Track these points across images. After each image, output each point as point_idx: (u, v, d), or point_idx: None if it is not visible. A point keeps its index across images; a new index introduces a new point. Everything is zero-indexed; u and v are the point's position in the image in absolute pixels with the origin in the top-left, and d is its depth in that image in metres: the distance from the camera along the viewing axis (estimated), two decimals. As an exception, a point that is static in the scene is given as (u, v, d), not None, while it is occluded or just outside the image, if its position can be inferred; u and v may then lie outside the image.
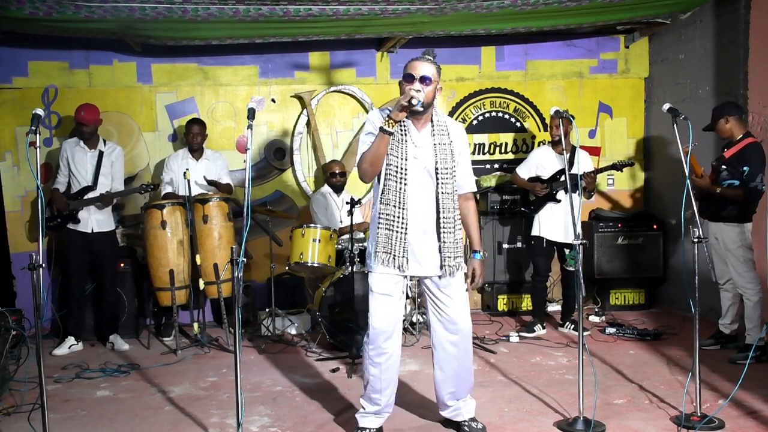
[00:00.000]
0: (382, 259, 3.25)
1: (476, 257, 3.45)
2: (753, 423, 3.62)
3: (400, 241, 3.23)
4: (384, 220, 3.25)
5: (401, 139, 3.24)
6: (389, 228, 3.24)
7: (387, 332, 3.33)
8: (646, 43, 6.76)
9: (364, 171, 3.26)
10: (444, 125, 3.34)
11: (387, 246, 3.24)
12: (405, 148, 3.24)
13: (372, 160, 3.20)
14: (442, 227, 3.28)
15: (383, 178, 3.27)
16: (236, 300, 3.25)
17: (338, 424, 3.74)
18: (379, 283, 3.32)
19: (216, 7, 4.67)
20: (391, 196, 3.24)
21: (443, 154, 3.28)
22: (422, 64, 3.18)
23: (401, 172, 3.22)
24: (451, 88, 6.65)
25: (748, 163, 4.65)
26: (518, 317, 6.29)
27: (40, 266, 3.00)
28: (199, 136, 5.74)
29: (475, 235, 3.49)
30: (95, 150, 5.44)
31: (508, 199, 6.38)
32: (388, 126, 3.12)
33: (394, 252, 3.24)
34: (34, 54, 6.03)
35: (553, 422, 3.67)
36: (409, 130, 3.27)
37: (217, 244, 5.41)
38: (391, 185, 3.23)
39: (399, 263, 3.24)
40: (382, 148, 3.17)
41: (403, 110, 3.08)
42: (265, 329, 5.65)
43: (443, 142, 3.29)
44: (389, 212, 3.24)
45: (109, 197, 5.35)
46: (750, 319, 4.75)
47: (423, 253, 3.30)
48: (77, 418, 3.96)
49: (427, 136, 3.30)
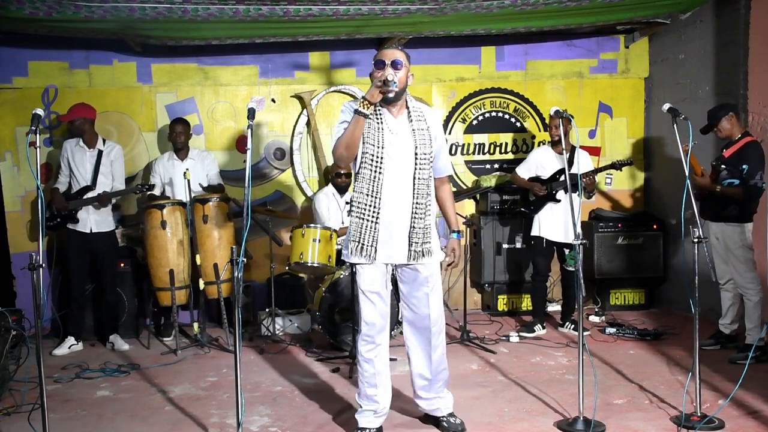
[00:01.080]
0: (351, 248, 3.27)
1: (455, 236, 3.51)
2: (753, 423, 3.62)
3: (370, 230, 3.25)
4: (356, 209, 3.26)
5: (377, 127, 3.23)
6: (360, 217, 3.25)
7: (379, 327, 3.38)
8: (646, 43, 6.76)
9: (339, 155, 3.25)
10: (420, 110, 3.35)
11: (356, 235, 3.26)
12: (381, 135, 3.23)
13: (347, 143, 3.19)
14: (414, 213, 3.29)
15: (358, 166, 3.27)
16: (236, 300, 3.25)
17: (338, 424, 3.74)
18: (366, 281, 3.34)
19: (216, 7, 4.67)
20: (364, 185, 3.24)
21: (422, 139, 3.28)
22: (391, 50, 3.24)
23: (377, 160, 3.22)
24: (451, 88, 6.65)
25: (747, 161, 4.65)
26: (518, 317, 6.29)
27: (40, 266, 3.00)
28: (183, 135, 5.71)
29: (452, 216, 3.56)
30: (94, 149, 5.44)
31: (508, 199, 6.38)
32: (363, 107, 3.11)
33: (364, 241, 3.25)
34: (34, 54, 6.03)
35: (553, 422, 3.67)
36: (385, 118, 3.27)
37: (217, 244, 5.42)
38: (365, 173, 3.24)
39: (368, 252, 3.26)
40: (357, 131, 3.16)
41: (378, 91, 3.09)
42: (265, 329, 5.65)
43: (421, 128, 3.30)
44: (361, 201, 3.25)
45: (105, 197, 5.34)
46: (750, 319, 4.75)
47: (393, 240, 3.29)
48: (77, 418, 3.96)
49: (404, 122, 3.30)
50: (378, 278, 3.34)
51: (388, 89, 3.09)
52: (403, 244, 3.30)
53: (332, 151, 3.30)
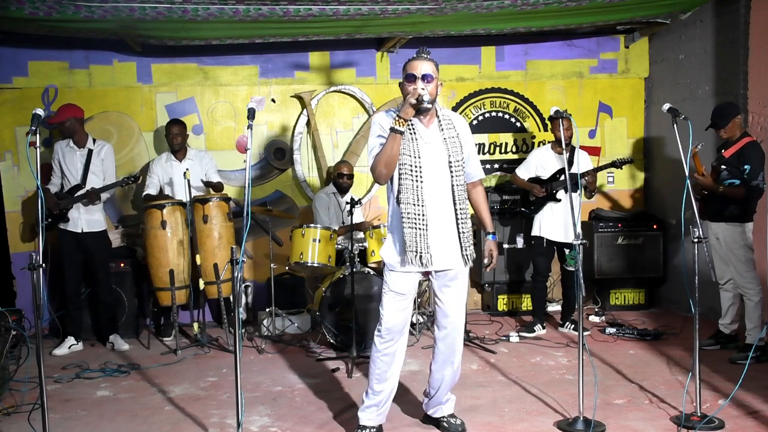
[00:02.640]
0: (410, 258, 3.26)
1: (492, 238, 3.53)
2: (753, 423, 3.62)
3: (424, 237, 3.26)
4: (407, 219, 3.27)
5: (411, 137, 3.26)
6: (412, 227, 3.26)
7: (399, 328, 3.39)
8: (646, 43, 6.76)
9: (380, 173, 3.27)
10: (449, 119, 3.39)
11: (412, 245, 3.25)
12: (416, 146, 3.26)
13: (387, 162, 3.22)
14: (459, 218, 3.33)
15: (398, 178, 3.29)
16: (236, 300, 3.26)
17: (338, 424, 3.74)
18: (397, 282, 3.34)
19: (216, 7, 4.67)
20: (409, 195, 3.26)
21: (454, 147, 3.32)
22: (421, 63, 3.22)
23: (416, 170, 3.25)
24: (451, 88, 6.65)
25: (748, 161, 4.65)
26: (518, 317, 6.29)
27: (40, 266, 3.00)
28: (179, 136, 5.72)
29: (487, 219, 3.58)
30: (84, 149, 5.43)
31: (508, 199, 6.38)
32: (399, 125, 3.16)
33: (420, 250, 3.25)
34: (34, 54, 6.03)
35: (553, 422, 3.67)
36: (417, 129, 3.30)
37: (217, 244, 5.42)
38: (407, 184, 3.26)
39: (427, 260, 3.27)
40: (395, 149, 3.20)
41: (411, 108, 3.13)
42: (265, 329, 5.65)
43: (452, 136, 3.34)
44: (410, 211, 3.26)
45: (94, 193, 5.32)
46: (750, 319, 4.75)
47: (444, 246, 3.33)
48: (77, 418, 3.96)
49: (435, 132, 3.34)
50: (410, 282, 3.36)
51: (422, 106, 3.14)
52: (454, 250, 3.34)
53: (371, 168, 3.31)
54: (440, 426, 3.59)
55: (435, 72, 3.23)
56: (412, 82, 3.19)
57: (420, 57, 3.24)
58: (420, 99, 3.10)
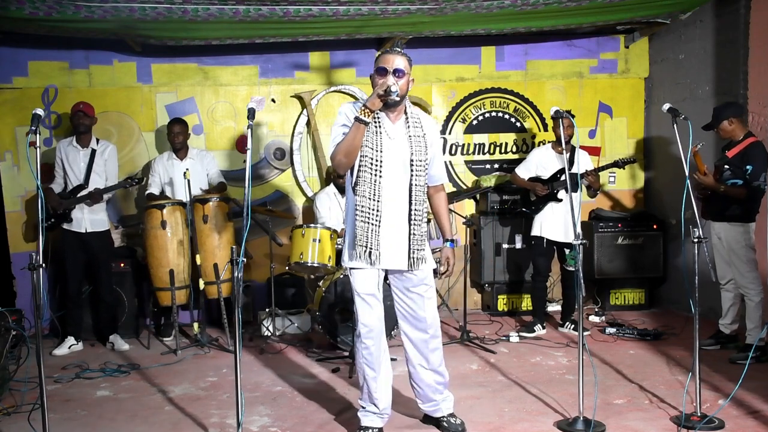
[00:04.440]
0: (358, 252, 3.25)
1: (450, 246, 3.51)
2: (753, 423, 3.62)
3: (375, 233, 3.23)
4: (360, 212, 3.24)
5: (376, 131, 3.23)
6: (365, 220, 3.23)
7: (376, 328, 3.37)
8: (646, 43, 6.76)
9: (339, 162, 3.24)
10: (417, 118, 3.36)
11: (362, 239, 3.24)
12: (380, 139, 3.23)
13: (347, 151, 3.19)
14: (413, 219, 3.29)
15: (357, 169, 3.26)
16: (236, 300, 3.26)
17: (338, 424, 3.74)
18: (362, 284, 3.33)
19: (216, 7, 4.67)
20: (366, 188, 3.23)
21: (418, 146, 3.29)
22: (394, 57, 3.20)
23: (376, 163, 3.22)
24: (451, 88, 6.65)
25: (751, 162, 4.65)
26: (518, 317, 6.29)
27: (40, 266, 3.00)
28: (181, 135, 5.72)
29: (446, 225, 3.56)
30: (87, 148, 5.44)
31: (508, 199, 6.38)
32: (364, 115, 3.12)
33: (370, 245, 3.23)
34: (34, 54, 6.03)
35: (553, 422, 3.67)
36: (383, 123, 3.27)
37: (217, 244, 5.42)
38: (365, 177, 3.22)
39: (375, 256, 3.25)
40: (357, 139, 3.16)
41: (379, 99, 3.10)
42: (265, 329, 5.65)
43: (417, 135, 3.30)
44: (364, 204, 3.23)
45: (97, 193, 5.32)
46: (751, 319, 4.75)
47: (393, 245, 3.29)
48: (77, 418, 3.96)
49: (401, 128, 3.31)
50: (373, 280, 3.34)
51: (389, 98, 3.11)
52: (403, 251, 3.30)
53: (330, 156, 3.29)
54: (440, 426, 3.59)
55: (407, 68, 3.21)
56: (383, 75, 3.17)
57: (393, 51, 3.22)
58: (388, 90, 3.07)
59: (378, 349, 3.39)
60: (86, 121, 5.38)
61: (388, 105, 3.20)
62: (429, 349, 3.47)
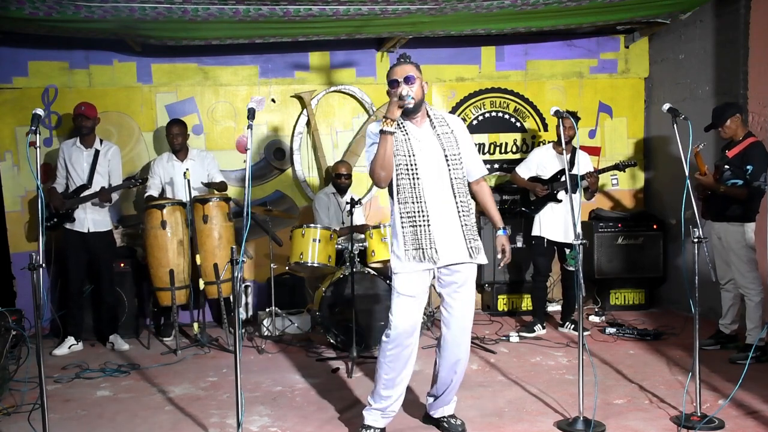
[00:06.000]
0: (413, 255, 3.27)
1: (503, 233, 3.56)
2: (753, 423, 3.62)
3: (426, 233, 3.26)
4: (407, 218, 3.28)
5: (404, 139, 3.30)
6: (413, 224, 3.27)
7: (409, 332, 3.36)
8: (646, 43, 6.76)
9: (378, 176, 3.28)
10: (441, 117, 3.44)
11: (415, 242, 3.27)
12: (409, 145, 3.30)
13: (382, 163, 3.24)
14: (461, 211, 3.34)
15: (395, 178, 3.30)
16: (236, 300, 3.26)
17: (338, 424, 3.74)
18: (405, 285, 3.32)
19: (216, 7, 4.67)
20: (407, 194, 3.28)
21: (449, 141, 3.35)
22: (402, 67, 3.31)
23: (411, 167, 3.27)
24: (451, 88, 6.65)
25: (751, 162, 4.66)
26: (518, 317, 6.29)
27: (40, 266, 3.00)
28: (180, 136, 5.72)
29: (496, 215, 3.60)
30: (91, 149, 5.44)
31: (508, 199, 6.38)
32: (388, 126, 3.18)
33: (423, 246, 3.26)
34: (34, 54, 6.03)
35: (553, 422, 3.67)
36: (408, 129, 3.33)
37: (217, 244, 5.42)
38: (405, 183, 3.28)
39: (430, 255, 3.26)
40: (388, 150, 3.22)
41: (396, 106, 3.17)
42: (265, 329, 5.65)
43: (445, 132, 3.37)
44: (409, 209, 3.28)
45: (106, 192, 5.33)
46: (751, 319, 4.75)
47: (448, 240, 3.32)
48: (77, 418, 3.96)
49: (428, 130, 3.37)
50: (418, 283, 3.33)
51: (405, 104, 3.17)
52: (459, 242, 3.33)
53: (370, 174, 3.32)
54: (440, 426, 3.59)
55: (417, 73, 3.29)
56: (396, 87, 3.24)
57: (400, 63, 3.32)
58: (402, 97, 3.14)
59: (400, 353, 3.36)
60: (88, 123, 5.39)
61: (407, 112, 3.28)
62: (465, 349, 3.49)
